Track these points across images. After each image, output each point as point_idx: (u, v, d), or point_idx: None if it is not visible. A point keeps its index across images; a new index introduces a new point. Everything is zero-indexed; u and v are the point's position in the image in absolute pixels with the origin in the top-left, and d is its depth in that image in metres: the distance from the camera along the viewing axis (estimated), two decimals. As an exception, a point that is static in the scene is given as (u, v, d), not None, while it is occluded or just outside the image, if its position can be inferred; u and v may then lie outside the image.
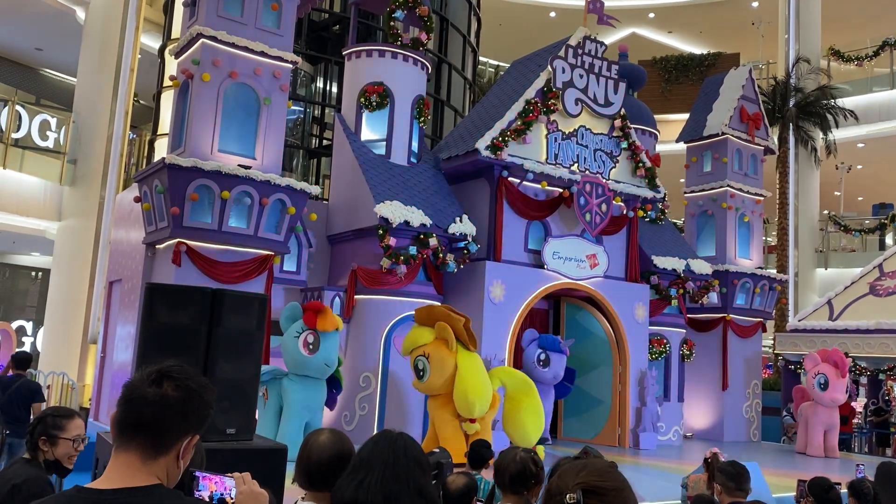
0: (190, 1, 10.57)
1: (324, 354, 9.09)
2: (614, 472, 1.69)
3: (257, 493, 2.21)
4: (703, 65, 29.11)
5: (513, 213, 12.31)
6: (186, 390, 1.74)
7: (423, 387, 9.46)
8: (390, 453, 2.19)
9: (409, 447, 2.23)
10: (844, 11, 25.04)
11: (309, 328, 9.03)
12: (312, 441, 2.48)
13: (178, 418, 1.72)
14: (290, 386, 9.15)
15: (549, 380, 11.44)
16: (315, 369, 9.13)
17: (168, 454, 1.73)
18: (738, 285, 15.72)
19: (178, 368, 1.78)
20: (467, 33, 19.02)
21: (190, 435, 1.77)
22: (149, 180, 10.08)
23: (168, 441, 1.73)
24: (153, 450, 1.71)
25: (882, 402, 16.63)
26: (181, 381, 1.75)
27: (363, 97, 12.32)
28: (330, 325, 9.11)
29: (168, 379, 1.74)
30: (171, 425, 1.72)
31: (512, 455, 3.11)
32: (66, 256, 16.27)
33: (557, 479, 1.69)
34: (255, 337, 7.32)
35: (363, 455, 2.22)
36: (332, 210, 12.36)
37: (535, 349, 11.43)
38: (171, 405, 1.71)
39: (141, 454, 1.70)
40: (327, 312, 9.21)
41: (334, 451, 2.44)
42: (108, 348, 12.12)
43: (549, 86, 12.54)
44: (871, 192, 26.95)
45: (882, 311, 15.94)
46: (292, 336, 9.07)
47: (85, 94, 16.81)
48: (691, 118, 17.22)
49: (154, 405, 1.70)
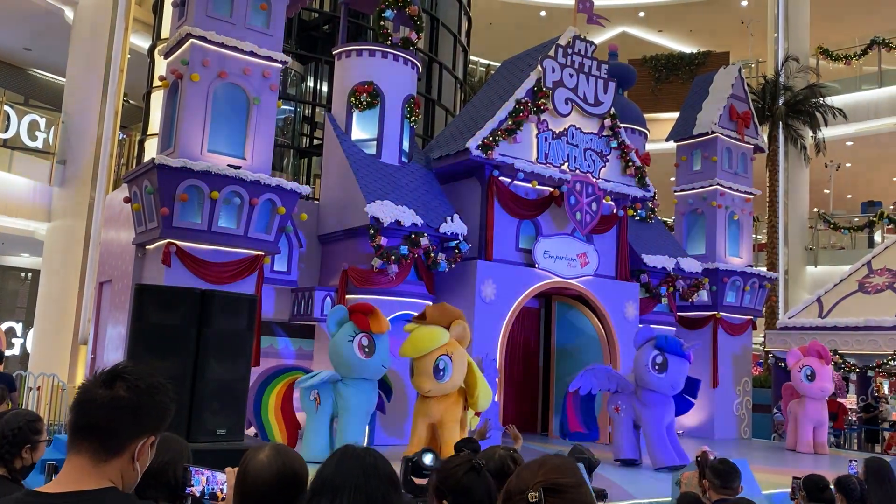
0: (179, 1, 10.54)
1: (381, 356, 9.06)
2: (573, 468, 1.68)
3: None
4: (693, 64, 29.21)
5: (504, 212, 12.33)
6: (138, 391, 1.70)
7: (439, 387, 9.18)
8: (360, 473, 1.91)
9: (380, 464, 1.97)
10: (833, 10, 25.17)
11: (363, 331, 8.93)
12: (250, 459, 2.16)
13: (130, 420, 1.69)
14: (348, 391, 9.01)
15: (664, 388, 9.89)
16: (373, 372, 9.09)
17: (121, 456, 1.70)
18: (728, 283, 15.79)
19: (131, 369, 1.74)
20: (458, 32, 19.02)
21: (145, 436, 1.73)
22: (138, 181, 10.05)
23: (120, 443, 1.69)
24: (104, 453, 1.68)
25: (871, 399, 16.75)
26: (133, 382, 1.71)
27: (353, 97, 12.32)
28: (385, 327, 9.13)
29: (120, 380, 1.70)
30: (123, 427, 1.69)
31: (491, 453, 3.11)
32: (55, 257, 16.19)
33: (516, 479, 1.68)
34: (245, 337, 7.34)
35: (326, 476, 1.92)
36: (323, 210, 12.35)
37: (651, 351, 9.94)
38: (122, 407, 1.68)
39: (92, 457, 1.67)
40: (378, 314, 9.12)
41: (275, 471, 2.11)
42: (98, 349, 12.08)
43: (540, 85, 12.57)
44: (860, 189, 27.12)
45: (871, 309, 16.06)
46: (346, 340, 8.90)
47: (74, 94, 16.73)
48: (681, 117, 17.28)
49: (104, 407, 1.67)
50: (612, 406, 10.49)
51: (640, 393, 10.22)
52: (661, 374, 9.76)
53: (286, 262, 11.56)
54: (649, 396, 10.10)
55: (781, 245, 22.76)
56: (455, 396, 9.48)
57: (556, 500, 1.60)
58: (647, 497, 7.99)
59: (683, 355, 9.92)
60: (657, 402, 9.99)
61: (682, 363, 9.90)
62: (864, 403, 16.76)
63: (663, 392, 9.88)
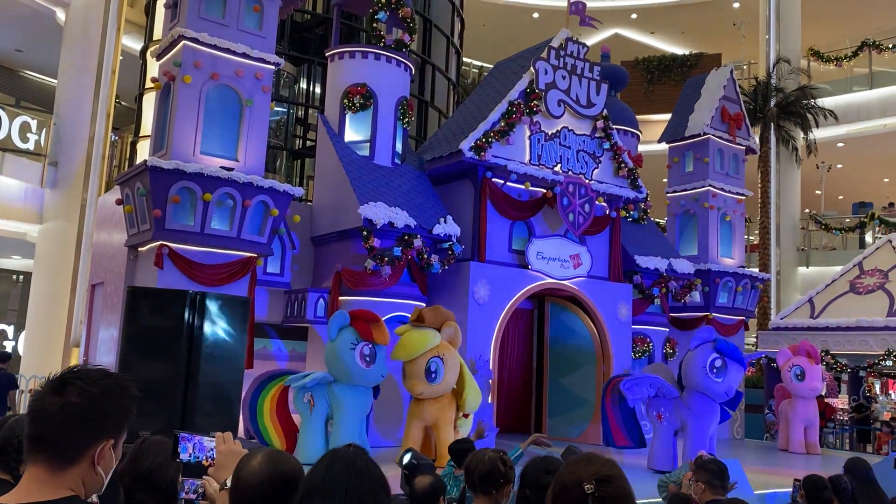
0: (171, 2, 10.53)
1: (381, 367, 9.08)
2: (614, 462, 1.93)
3: (238, 451, 2.25)
4: (685, 65, 29.32)
5: (497, 213, 12.35)
6: (90, 396, 1.63)
7: (432, 389, 9.27)
8: (350, 476, 1.88)
9: (370, 467, 1.95)
10: (824, 12, 25.30)
11: (365, 340, 8.91)
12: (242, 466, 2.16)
13: (85, 426, 1.62)
14: (345, 396, 9.01)
15: (718, 394, 9.45)
16: (372, 380, 9.11)
17: (79, 464, 1.63)
18: (721, 284, 15.84)
19: (82, 372, 1.67)
20: (451, 34, 19.04)
21: (104, 441, 1.66)
22: (131, 182, 10.02)
23: (76, 452, 1.63)
24: (61, 462, 1.62)
25: (863, 399, 16.82)
26: (84, 387, 1.63)
27: (346, 98, 12.31)
28: (387, 339, 9.15)
29: (70, 385, 1.63)
30: (78, 435, 1.62)
31: (481, 455, 3.12)
32: (47, 259, 16.14)
33: (568, 473, 1.90)
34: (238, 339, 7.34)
35: (315, 479, 1.90)
36: (316, 211, 12.34)
37: (710, 352, 9.40)
38: (74, 413, 1.61)
39: (48, 467, 1.61)
40: (382, 325, 9.14)
41: (266, 477, 2.09)
42: (90, 352, 12.04)
43: (532, 87, 12.60)
44: (851, 190, 27.26)
45: (862, 309, 16.13)
46: (347, 348, 8.88)
47: (66, 95, 16.68)
48: (673, 118, 17.34)
49: (56, 416, 1.60)
50: (654, 412, 9.92)
51: (688, 398, 9.69)
52: (718, 377, 9.27)
53: (279, 264, 11.54)
54: (698, 402, 9.57)
55: (773, 246, 22.86)
56: (448, 398, 9.54)
57: (607, 490, 1.85)
58: (644, 498, 8.00)
59: (741, 361, 9.49)
60: (706, 409, 9.53)
61: (739, 369, 9.46)
62: (855, 403, 16.84)
63: (715, 397, 9.44)
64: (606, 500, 1.83)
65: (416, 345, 9.26)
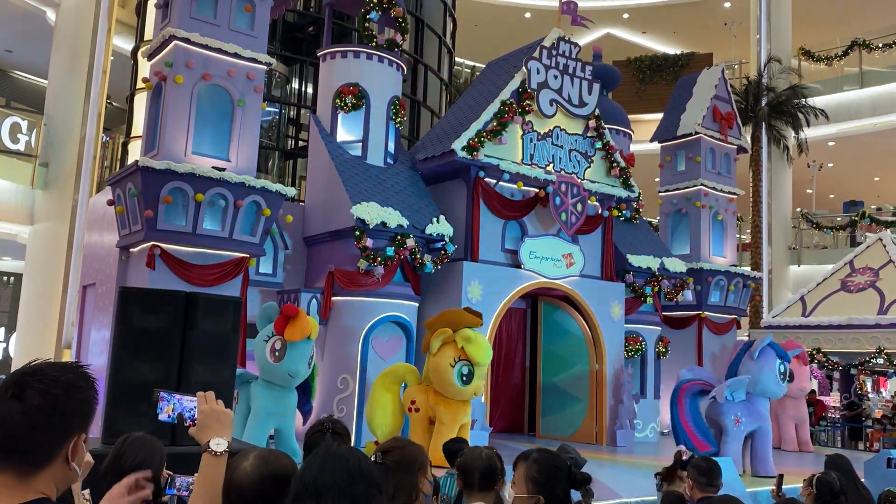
0: (162, 2, 10.49)
1: (288, 364, 8.63)
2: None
3: (220, 411, 2.20)
4: (677, 65, 29.41)
5: (489, 213, 12.36)
6: (53, 397, 1.55)
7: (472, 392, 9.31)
8: (343, 475, 1.81)
9: (364, 466, 1.87)
10: (815, 12, 25.41)
11: (277, 334, 8.66)
12: (234, 468, 2.09)
13: (52, 428, 1.56)
14: (257, 391, 8.82)
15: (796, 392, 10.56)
16: (279, 378, 8.75)
17: (51, 466, 1.58)
18: (713, 283, 15.89)
19: (40, 372, 1.58)
20: (443, 34, 19.04)
21: (73, 437, 1.60)
22: (122, 183, 9.98)
23: (46, 455, 1.57)
24: (30, 467, 1.55)
25: (854, 397, 16.91)
26: (45, 388, 1.55)
27: (339, 98, 12.30)
28: (298, 335, 8.59)
29: (29, 388, 1.55)
30: (46, 438, 1.56)
31: (477, 453, 3.14)
32: (38, 261, 16.06)
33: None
34: (230, 340, 7.29)
35: (308, 479, 1.82)
36: (309, 211, 12.32)
37: (775, 359, 9.99)
38: (38, 418, 1.54)
39: (16, 474, 1.54)
40: (299, 319, 8.70)
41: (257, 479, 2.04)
42: (82, 353, 11.98)
43: (524, 87, 12.61)
44: (842, 189, 27.37)
45: (853, 307, 16.21)
46: (262, 340, 8.78)
47: (56, 96, 16.60)
48: (665, 118, 17.38)
49: (20, 424, 1.53)
50: (732, 417, 10.16)
51: (756, 402, 10.17)
52: (789, 383, 9.84)
53: (271, 265, 11.52)
54: (763, 406, 10.19)
55: (765, 244, 22.94)
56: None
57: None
58: (633, 496, 8.02)
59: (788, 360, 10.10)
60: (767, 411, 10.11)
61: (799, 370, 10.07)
62: (847, 401, 16.92)
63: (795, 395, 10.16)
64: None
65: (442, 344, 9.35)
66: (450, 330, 9.30)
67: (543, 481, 2.72)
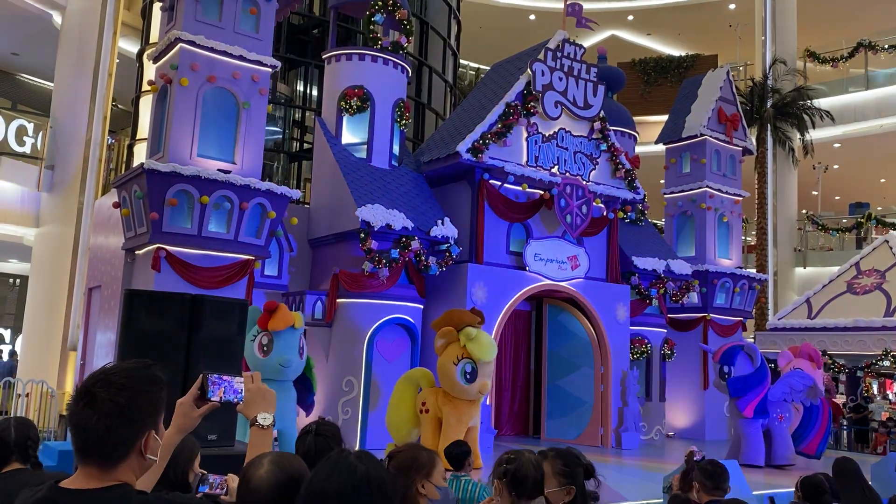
0: (168, 5, 10.51)
1: (277, 354, 8.64)
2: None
3: (265, 389, 2.40)
4: (682, 66, 29.36)
5: (494, 215, 12.35)
6: (119, 404, 1.71)
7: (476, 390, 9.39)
8: (349, 486, 1.79)
9: (372, 474, 1.82)
10: (820, 14, 25.35)
11: (262, 330, 8.71)
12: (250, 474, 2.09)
13: (125, 430, 1.72)
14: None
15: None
16: (271, 371, 8.69)
17: (128, 459, 1.75)
18: (718, 285, 15.85)
19: (107, 379, 1.73)
20: (447, 36, 19.05)
21: (144, 434, 1.76)
22: (128, 185, 10.01)
23: (122, 453, 1.74)
24: (110, 463, 1.73)
25: (861, 399, 16.84)
26: (113, 397, 1.71)
27: (343, 101, 12.31)
28: (281, 324, 8.62)
29: (100, 396, 1.71)
30: (118, 438, 1.72)
31: (527, 460, 3.01)
32: (44, 263, 16.10)
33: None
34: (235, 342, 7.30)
35: (315, 486, 1.81)
36: (314, 214, 12.33)
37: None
38: (110, 423, 1.70)
39: (99, 468, 1.73)
40: (280, 311, 8.77)
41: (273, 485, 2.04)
42: (87, 355, 12.01)
43: (529, 89, 12.61)
44: (848, 191, 27.28)
45: (859, 309, 16.16)
46: (249, 340, 8.76)
47: (62, 98, 16.64)
48: (670, 120, 17.36)
49: (95, 430, 1.69)
50: (776, 414, 11.56)
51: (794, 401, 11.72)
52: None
53: (276, 267, 11.52)
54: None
55: (770, 247, 22.88)
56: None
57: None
58: (638, 499, 8.01)
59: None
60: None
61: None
62: (853, 404, 16.85)
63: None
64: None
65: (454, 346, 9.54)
66: (453, 329, 9.33)
67: (571, 472, 3.02)
